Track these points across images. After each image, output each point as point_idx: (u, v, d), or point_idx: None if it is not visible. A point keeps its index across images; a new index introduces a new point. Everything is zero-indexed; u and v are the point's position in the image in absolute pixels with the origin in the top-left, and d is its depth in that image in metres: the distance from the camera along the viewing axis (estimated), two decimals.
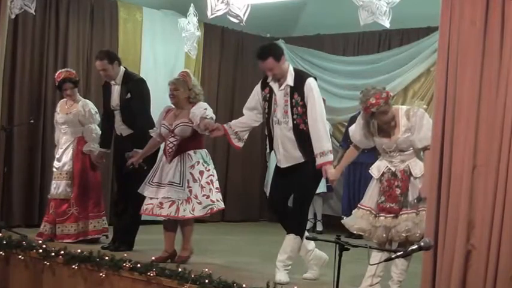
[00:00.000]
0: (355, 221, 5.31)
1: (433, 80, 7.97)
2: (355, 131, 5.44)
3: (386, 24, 5.25)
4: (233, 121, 5.93)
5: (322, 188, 8.36)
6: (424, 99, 8.38)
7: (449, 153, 4.40)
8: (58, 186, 7.03)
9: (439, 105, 4.48)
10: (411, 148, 5.19)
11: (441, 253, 4.41)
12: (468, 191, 4.29)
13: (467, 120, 4.31)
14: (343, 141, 8.65)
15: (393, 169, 5.21)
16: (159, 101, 7.05)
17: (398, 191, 5.14)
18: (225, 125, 5.83)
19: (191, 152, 6.26)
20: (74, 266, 6.19)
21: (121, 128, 6.82)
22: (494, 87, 4.24)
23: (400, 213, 5.15)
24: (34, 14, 7.18)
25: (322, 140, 5.41)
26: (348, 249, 3.60)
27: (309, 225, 8.46)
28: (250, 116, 5.83)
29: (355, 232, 5.41)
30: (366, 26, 5.48)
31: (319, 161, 5.39)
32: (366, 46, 9.52)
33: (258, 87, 5.80)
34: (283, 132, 5.58)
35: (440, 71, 4.49)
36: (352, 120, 7.17)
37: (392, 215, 5.15)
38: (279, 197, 5.67)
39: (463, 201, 4.31)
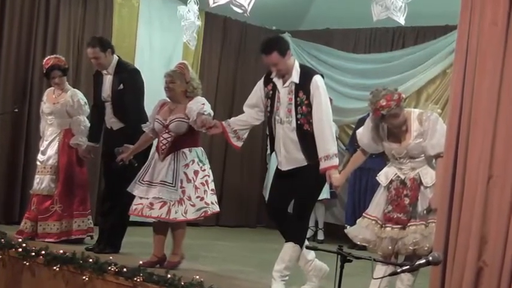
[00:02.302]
0: (359, 230, 5.32)
1: (449, 82, 7.98)
2: (363, 134, 5.44)
3: (401, 21, 5.27)
4: (232, 118, 5.93)
5: (325, 194, 8.37)
6: (438, 102, 8.40)
7: (463, 161, 4.40)
8: (41, 181, 7.04)
9: (454, 109, 4.49)
10: (422, 155, 5.20)
11: (450, 269, 4.41)
12: (482, 203, 4.30)
13: (484, 127, 4.31)
14: (350, 144, 8.67)
15: (402, 177, 5.22)
16: (154, 94, 7.06)
17: (407, 201, 5.15)
18: (223, 123, 5.83)
19: (186, 150, 6.27)
20: (55, 268, 6.20)
21: (111, 121, 6.83)
22: None
23: (408, 224, 5.15)
24: None
25: (328, 143, 5.41)
26: (350, 261, 3.61)
27: (309, 233, 8.49)
28: (250, 114, 5.84)
29: (358, 243, 5.42)
30: (379, 21, 5.49)
31: (323, 164, 5.40)
32: (378, 43, 9.53)
33: (260, 83, 5.80)
34: (285, 133, 5.59)
35: (457, 73, 4.50)
36: (360, 123, 7.18)
37: (399, 226, 5.16)
38: (279, 201, 5.68)
39: (476, 214, 4.31)
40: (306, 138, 5.48)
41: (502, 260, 4.22)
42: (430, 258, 3.44)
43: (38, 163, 7.14)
